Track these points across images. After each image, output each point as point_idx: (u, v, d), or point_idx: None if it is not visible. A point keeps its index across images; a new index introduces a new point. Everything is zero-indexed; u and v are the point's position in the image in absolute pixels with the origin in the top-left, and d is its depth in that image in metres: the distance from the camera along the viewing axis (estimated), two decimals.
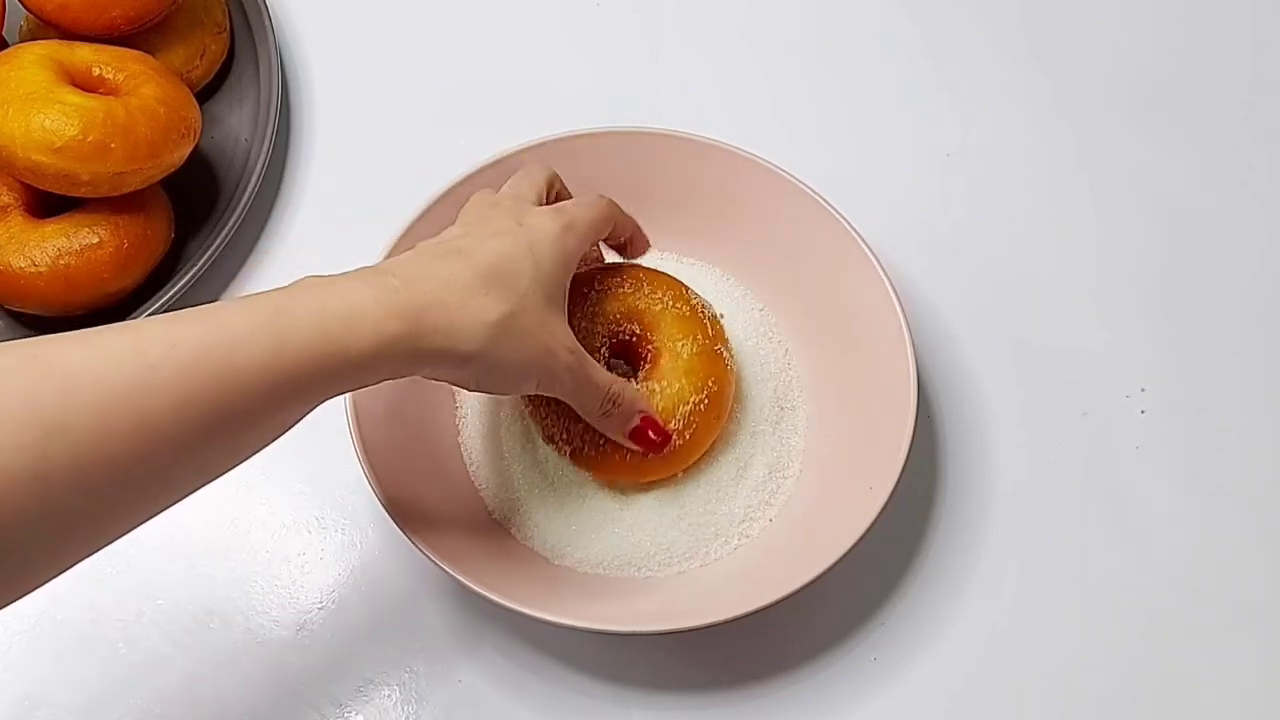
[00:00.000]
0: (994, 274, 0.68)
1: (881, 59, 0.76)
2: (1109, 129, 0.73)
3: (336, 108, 0.73)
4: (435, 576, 0.59)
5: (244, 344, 0.40)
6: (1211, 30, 0.77)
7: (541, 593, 0.55)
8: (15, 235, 0.61)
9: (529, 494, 0.59)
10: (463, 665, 0.58)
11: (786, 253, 0.62)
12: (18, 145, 0.58)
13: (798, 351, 0.62)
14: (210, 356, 0.39)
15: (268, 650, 0.58)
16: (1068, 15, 0.77)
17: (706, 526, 0.58)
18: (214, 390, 0.39)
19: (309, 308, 0.42)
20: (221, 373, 0.39)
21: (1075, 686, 0.59)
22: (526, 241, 0.49)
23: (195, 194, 0.67)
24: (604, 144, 0.62)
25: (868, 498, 0.54)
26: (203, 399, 0.39)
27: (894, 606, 0.60)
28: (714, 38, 0.76)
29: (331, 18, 0.76)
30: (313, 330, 0.41)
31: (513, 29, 0.76)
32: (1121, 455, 0.64)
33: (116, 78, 0.62)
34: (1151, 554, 0.61)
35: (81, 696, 0.57)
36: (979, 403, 0.64)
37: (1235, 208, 0.71)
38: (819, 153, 0.69)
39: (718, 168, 0.62)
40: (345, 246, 0.61)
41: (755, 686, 0.58)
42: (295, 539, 0.61)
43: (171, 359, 0.38)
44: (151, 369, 0.38)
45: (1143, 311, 0.68)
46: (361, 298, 0.43)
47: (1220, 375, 0.66)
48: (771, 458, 0.59)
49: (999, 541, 0.61)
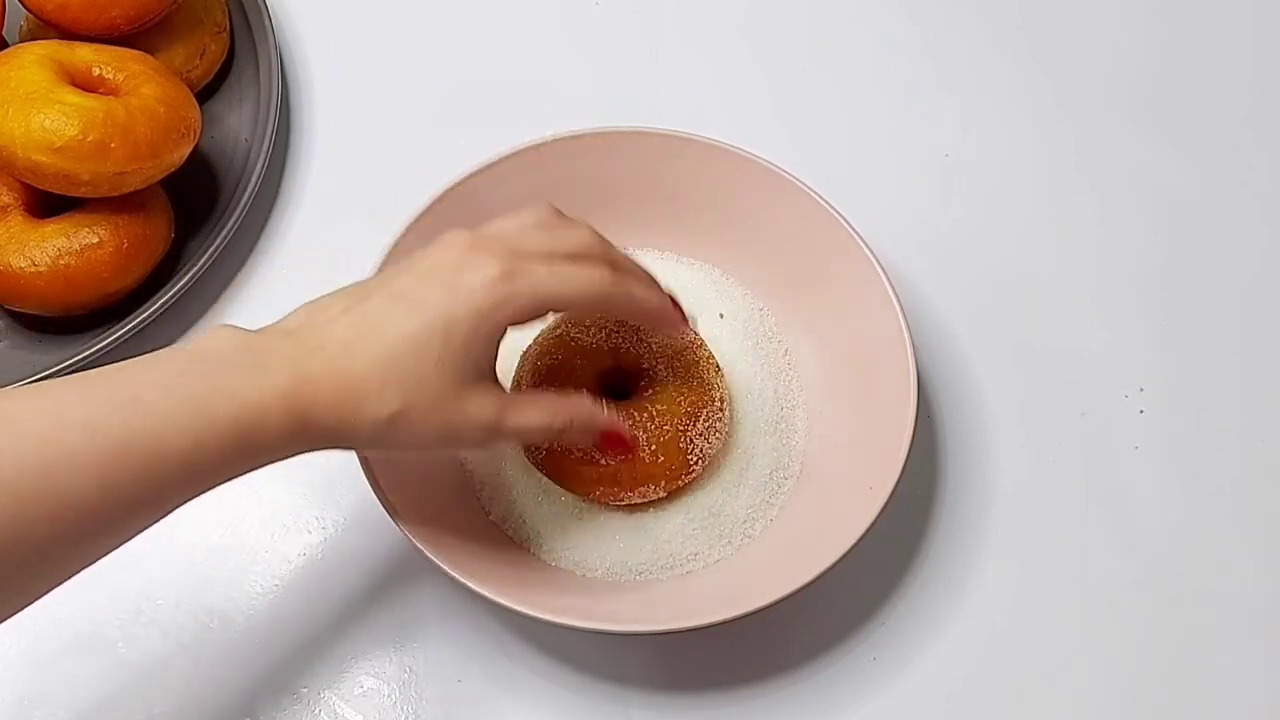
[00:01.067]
0: (994, 274, 0.68)
1: (881, 59, 0.76)
2: (1109, 129, 0.73)
3: (336, 108, 0.73)
4: (435, 577, 0.59)
5: (169, 436, 0.41)
6: (1211, 30, 0.77)
7: (541, 593, 0.55)
8: (15, 235, 0.61)
9: (527, 496, 0.59)
10: (462, 665, 0.58)
11: (786, 253, 0.62)
12: (18, 145, 0.58)
13: (798, 351, 0.62)
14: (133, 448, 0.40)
15: (267, 650, 0.58)
16: (1068, 15, 0.77)
17: (711, 529, 0.58)
18: (135, 478, 0.40)
19: (228, 408, 0.42)
20: (145, 463, 0.40)
21: (1075, 686, 0.59)
22: (444, 321, 0.46)
23: (195, 194, 0.67)
24: (604, 144, 0.62)
25: (868, 498, 0.54)
26: (123, 485, 0.40)
27: (894, 606, 0.60)
28: (714, 38, 0.76)
29: (331, 18, 0.76)
30: (230, 430, 0.42)
31: (513, 29, 0.76)
32: (1121, 455, 0.64)
33: (116, 78, 0.62)
34: (1151, 554, 0.61)
35: (81, 696, 0.57)
36: (979, 403, 0.64)
37: (1235, 208, 0.71)
38: (819, 153, 0.69)
39: (718, 168, 0.61)
40: (345, 246, 0.61)
41: (755, 686, 0.58)
42: (295, 539, 0.61)
43: (92, 446, 0.39)
44: (71, 454, 0.39)
45: (1143, 311, 0.68)
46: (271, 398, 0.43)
47: (1220, 375, 0.66)
48: (773, 458, 0.59)
49: (999, 541, 0.61)
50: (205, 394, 0.42)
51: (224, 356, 0.44)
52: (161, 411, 0.41)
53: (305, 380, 0.44)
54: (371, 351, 0.45)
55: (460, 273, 0.47)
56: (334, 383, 0.45)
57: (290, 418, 0.44)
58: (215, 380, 0.43)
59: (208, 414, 0.42)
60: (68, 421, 0.40)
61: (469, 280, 0.46)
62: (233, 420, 0.42)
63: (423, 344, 0.46)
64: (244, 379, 0.43)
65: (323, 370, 0.45)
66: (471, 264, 0.47)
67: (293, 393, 0.44)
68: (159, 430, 0.41)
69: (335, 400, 0.45)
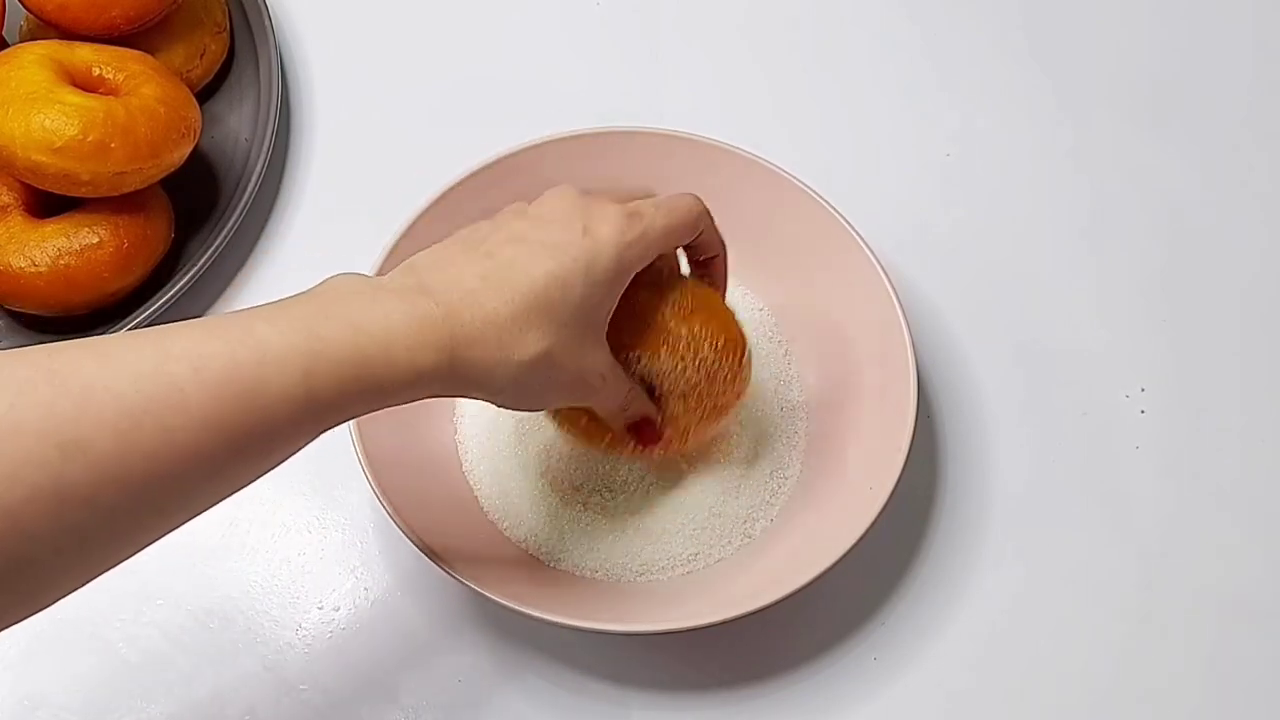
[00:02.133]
0: (994, 274, 0.68)
1: (881, 59, 0.76)
2: (1109, 129, 0.73)
3: (336, 108, 0.73)
4: (435, 577, 0.59)
5: (275, 366, 0.39)
6: (1211, 30, 0.77)
7: (541, 593, 0.55)
8: (15, 235, 0.61)
9: (526, 496, 0.59)
10: (463, 665, 0.58)
11: (786, 253, 0.62)
12: (18, 145, 0.58)
13: (798, 351, 0.62)
14: (239, 378, 0.38)
15: (268, 650, 0.58)
16: (1068, 15, 0.77)
17: (711, 529, 0.58)
18: (241, 413, 0.38)
19: (344, 333, 0.40)
20: (250, 396, 0.38)
21: (1075, 686, 0.59)
22: (585, 260, 0.45)
23: (195, 194, 0.67)
24: (604, 144, 0.62)
25: (868, 498, 0.54)
26: (229, 422, 0.38)
27: (894, 606, 0.60)
28: (714, 38, 0.76)
29: (331, 18, 0.76)
30: (346, 358, 0.40)
31: (513, 29, 0.76)
32: (1121, 455, 0.64)
33: (116, 78, 0.62)
34: (1151, 554, 0.61)
35: (81, 696, 0.57)
36: (979, 403, 0.64)
37: (1235, 208, 0.71)
38: (819, 153, 0.69)
39: (718, 168, 0.61)
40: (345, 246, 0.61)
41: (755, 686, 0.58)
42: (295, 539, 0.61)
43: (198, 379, 0.37)
44: (177, 389, 0.37)
45: (1143, 311, 0.68)
46: (399, 326, 0.41)
47: (1220, 375, 0.66)
48: (773, 458, 0.59)
49: (999, 541, 0.61)
50: (317, 320, 0.40)
51: (344, 287, 0.42)
52: (269, 340, 0.39)
53: (445, 314, 0.42)
54: (516, 289, 0.44)
55: (589, 217, 0.47)
56: (476, 320, 0.43)
57: (422, 349, 0.42)
58: (332, 308, 0.41)
59: (319, 339, 0.39)
60: (172, 353, 0.37)
61: (597, 226, 0.46)
62: (350, 346, 0.40)
63: (568, 284, 0.45)
64: (366, 308, 0.41)
65: (463, 304, 0.43)
66: (597, 211, 0.47)
67: (426, 325, 0.42)
68: (264, 358, 0.38)
69: (477, 337, 0.43)
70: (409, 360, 0.41)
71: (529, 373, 0.45)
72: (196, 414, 0.37)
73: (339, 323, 0.40)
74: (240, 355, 0.38)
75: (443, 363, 0.42)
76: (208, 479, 0.39)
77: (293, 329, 0.39)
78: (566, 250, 0.45)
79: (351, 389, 0.40)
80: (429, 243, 0.49)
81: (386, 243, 0.58)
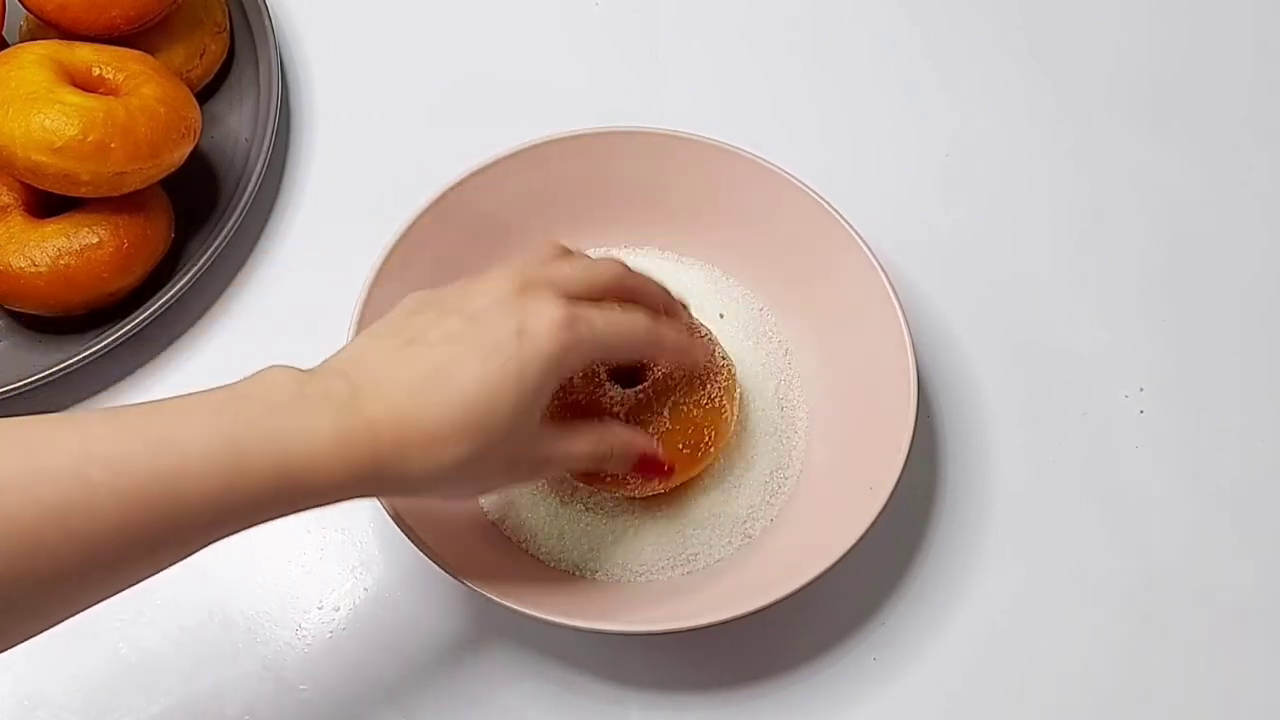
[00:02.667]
0: (994, 274, 0.68)
1: (881, 59, 0.76)
2: (1109, 129, 0.73)
3: (336, 108, 0.73)
4: (434, 577, 0.59)
5: (194, 480, 0.39)
6: (1211, 30, 0.77)
7: (541, 593, 0.55)
8: (15, 235, 0.61)
9: (525, 496, 0.58)
10: (462, 665, 0.58)
11: (786, 253, 0.62)
12: (18, 145, 0.58)
13: (798, 351, 0.62)
14: (156, 491, 0.38)
15: (268, 650, 0.58)
16: (1068, 15, 0.77)
17: (711, 529, 0.58)
18: (158, 521, 0.39)
19: (267, 449, 0.41)
20: (166, 506, 0.39)
21: (1075, 686, 0.59)
22: (517, 366, 0.45)
23: (195, 194, 0.67)
24: (604, 144, 0.62)
25: (868, 498, 0.54)
26: (143, 527, 0.38)
27: (894, 606, 0.60)
28: (714, 38, 0.76)
29: (331, 18, 0.76)
30: (268, 473, 0.41)
31: (513, 29, 0.76)
32: (1121, 455, 0.64)
33: (116, 78, 0.62)
34: (1151, 554, 0.61)
35: (81, 696, 0.57)
36: (979, 403, 0.64)
37: (1235, 208, 0.71)
38: (819, 153, 0.69)
39: (718, 168, 0.61)
40: (345, 246, 0.61)
41: (755, 686, 0.58)
42: (295, 539, 0.61)
43: (114, 484, 0.38)
44: (90, 493, 0.37)
45: (1143, 311, 0.68)
46: (324, 444, 0.42)
47: (1220, 375, 0.66)
48: (773, 458, 0.59)
49: (999, 541, 0.61)
50: (241, 436, 0.40)
51: (270, 397, 0.42)
52: (192, 452, 0.39)
53: (367, 426, 0.43)
54: (443, 399, 0.44)
55: (523, 317, 0.46)
56: (400, 430, 0.43)
57: (345, 464, 0.42)
58: (257, 423, 0.41)
59: (242, 456, 0.40)
60: (93, 456, 0.38)
61: (534, 326, 0.45)
62: (273, 463, 0.41)
63: (497, 391, 0.44)
64: (291, 422, 0.42)
65: (387, 416, 0.43)
66: (533, 309, 0.46)
67: (350, 439, 0.42)
68: (185, 471, 0.39)
69: (401, 447, 0.43)
70: (330, 476, 0.42)
71: (456, 476, 0.45)
72: (108, 519, 0.38)
73: (263, 440, 0.41)
74: (161, 465, 0.39)
75: (366, 475, 0.43)
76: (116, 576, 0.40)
77: (217, 441, 0.40)
78: (499, 352, 0.45)
79: (269, 501, 0.41)
80: (429, 242, 0.49)
81: (386, 243, 0.58)
